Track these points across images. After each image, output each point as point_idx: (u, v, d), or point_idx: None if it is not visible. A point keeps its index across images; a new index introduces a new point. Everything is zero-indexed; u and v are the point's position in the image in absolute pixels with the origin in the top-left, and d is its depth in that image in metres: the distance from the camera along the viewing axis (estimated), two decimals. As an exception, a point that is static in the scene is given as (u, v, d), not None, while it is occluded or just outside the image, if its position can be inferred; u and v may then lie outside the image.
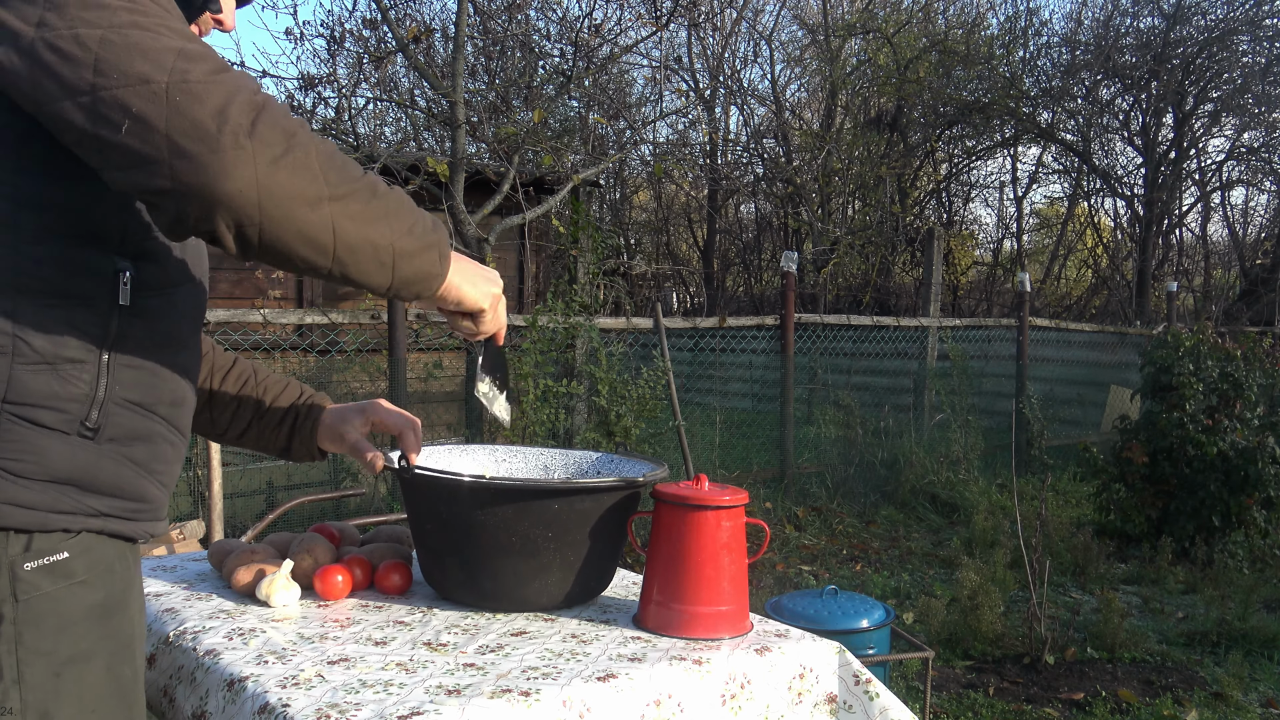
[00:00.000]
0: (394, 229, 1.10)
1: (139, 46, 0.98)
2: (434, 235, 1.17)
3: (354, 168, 1.09)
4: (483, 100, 7.44)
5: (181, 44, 1.01)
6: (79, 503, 1.08)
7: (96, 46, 0.98)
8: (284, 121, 1.02)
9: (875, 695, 1.49)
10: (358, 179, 1.08)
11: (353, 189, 1.06)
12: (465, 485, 1.51)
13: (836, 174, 13.71)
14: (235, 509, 5.29)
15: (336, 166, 1.05)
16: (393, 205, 1.11)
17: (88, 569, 1.09)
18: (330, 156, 1.05)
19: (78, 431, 1.08)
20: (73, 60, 0.98)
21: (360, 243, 1.07)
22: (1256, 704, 3.68)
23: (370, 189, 1.09)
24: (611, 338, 6.12)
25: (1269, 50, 13.11)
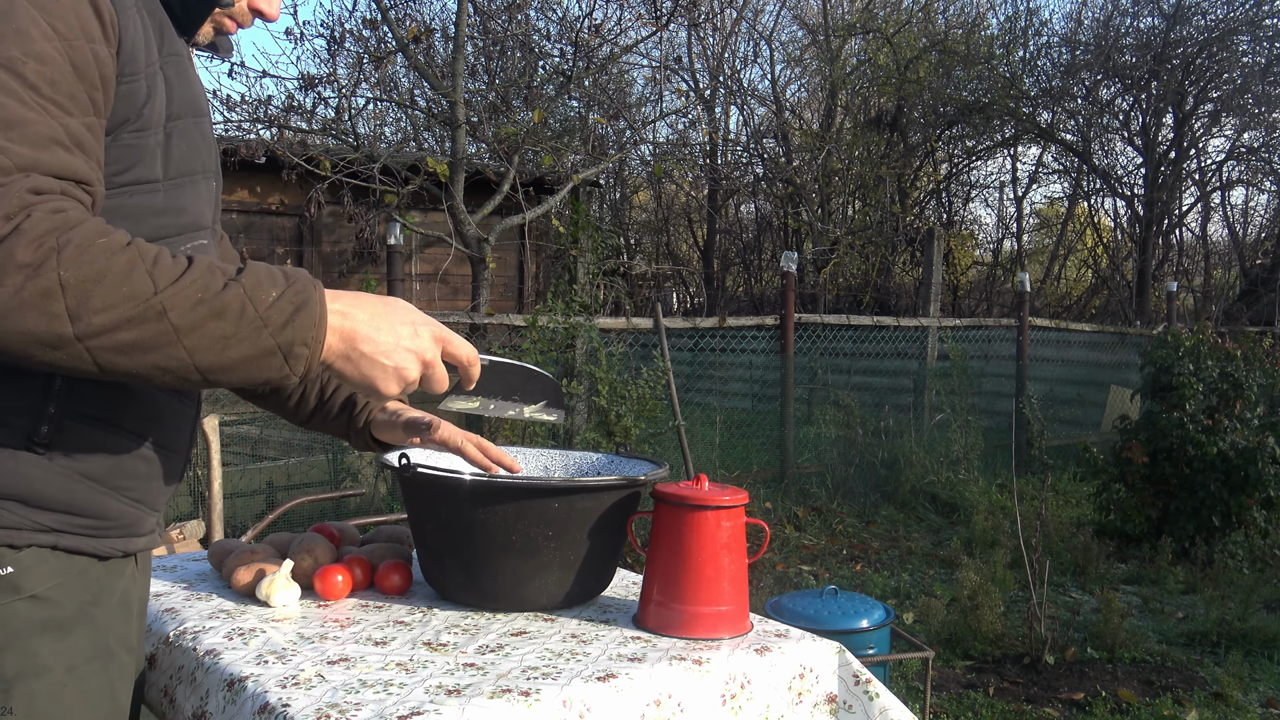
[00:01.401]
0: (192, 348, 0.97)
1: None
2: (268, 339, 1.01)
3: (138, 287, 0.95)
4: (483, 100, 7.44)
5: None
6: (23, 518, 1.04)
7: None
8: (23, 253, 0.91)
9: (875, 695, 1.49)
10: (136, 303, 0.95)
11: (119, 319, 0.94)
12: (465, 485, 1.51)
13: (836, 174, 13.71)
14: (235, 509, 5.29)
15: (96, 299, 0.93)
16: (196, 320, 0.97)
17: (39, 583, 1.05)
18: (89, 287, 0.93)
19: (25, 445, 1.04)
20: None
21: (141, 370, 0.97)
22: (1256, 704, 3.68)
23: (154, 314, 0.95)
24: (611, 338, 6.12)
25: (1269, 50, 13.11)
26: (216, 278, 1.00)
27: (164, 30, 1.16)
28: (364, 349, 1.09)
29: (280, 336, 1.01)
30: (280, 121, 6.64)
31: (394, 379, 1.11)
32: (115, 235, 0.97)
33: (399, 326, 1.11)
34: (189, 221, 1.19)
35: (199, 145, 1.20)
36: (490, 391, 1.39)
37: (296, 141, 6.71)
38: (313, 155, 6.38)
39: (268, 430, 6.38)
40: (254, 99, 6.84)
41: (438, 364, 1.15)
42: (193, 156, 1.19)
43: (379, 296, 1.12)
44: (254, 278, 1.01)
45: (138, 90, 1.08)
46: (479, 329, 6.03)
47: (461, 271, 8.69)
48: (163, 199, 1.14)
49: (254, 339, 1.00)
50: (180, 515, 4.67)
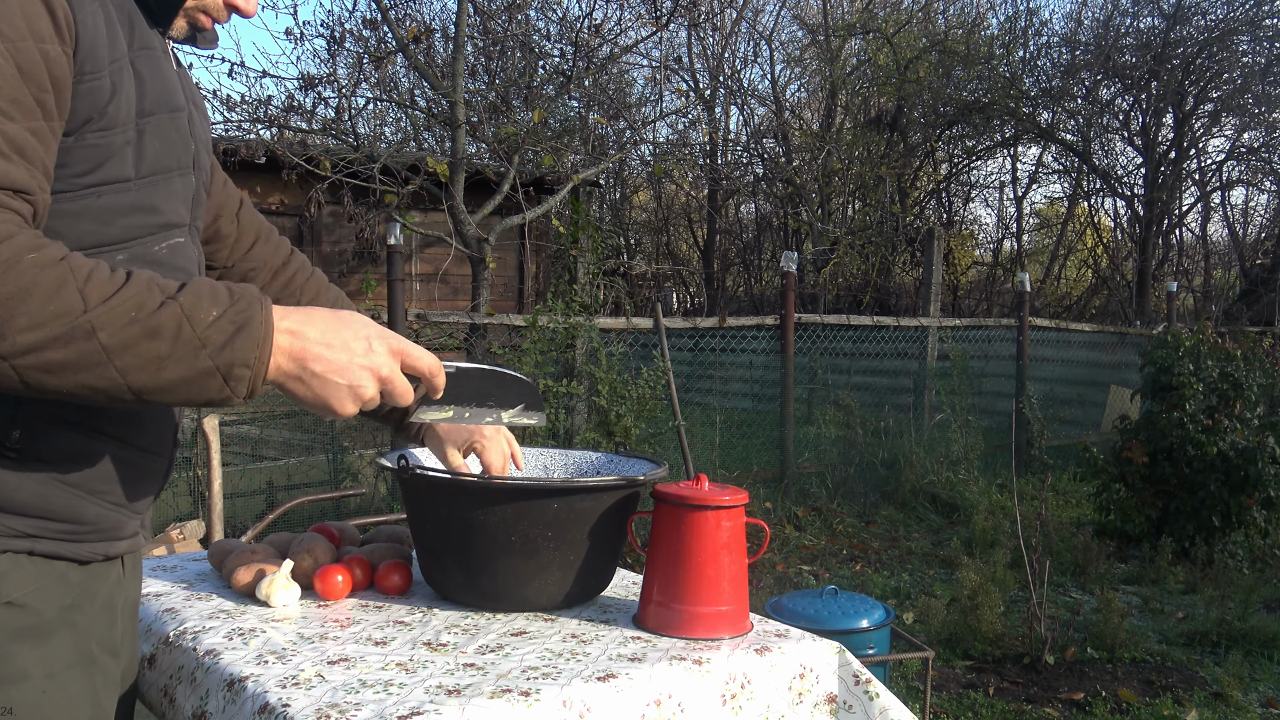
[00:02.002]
0: (125, 368, 0.95)
1: None
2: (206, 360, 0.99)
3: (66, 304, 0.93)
4: (483, 100, 7.44)
5: None
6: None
7: None
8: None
9: (875, 695, 1.49)
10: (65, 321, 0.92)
11: (45, 338, 0.92)
12: (465, 485, 1.51)
13: (836, 174, 13.71)
14: (235, 509, 5.29)
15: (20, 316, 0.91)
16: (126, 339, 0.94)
17: (15, 589, 1.03)
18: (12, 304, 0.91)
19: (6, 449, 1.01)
20: None
21: (72, 389, 0.95)
22: (1256, 704, 3.68)
23: (83, 333, 0.93)
24: (611, 338, 6.12)
25: (1269, 50, 13.11)
26: (154, 295, 0.97)
27: (134, 23, 1.11)
28: (316, 369, 1.06)
29: (219, 358, 0.99)
30: (280, 121, 6.64)
31: (349, 398, 1.08)
32: (47, 250, 0.93)
33: (353, 343, 1.08)
34: (163, 221, 1.15)
35: (174, 141, 1.16)
36: (463, 399, 1.35)
37: (296, 141, 6.71)
38: (313, 155, 6.39)
39: (268, 430, 6.39)
40: (254, 99, 6.85)
41: (396, 378, 1.12)
42: (167, 153, 1.15)
43: (333, 311, 1.09)
44: (194, 296, 0.98)
45: (101, 88, 1.04)
46: (479, 329, 6.03)
47: (461, 271, 8.69)
48: (133, 197, 1.10)
49: (191, 360, 0.97)
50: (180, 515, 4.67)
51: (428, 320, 5.81)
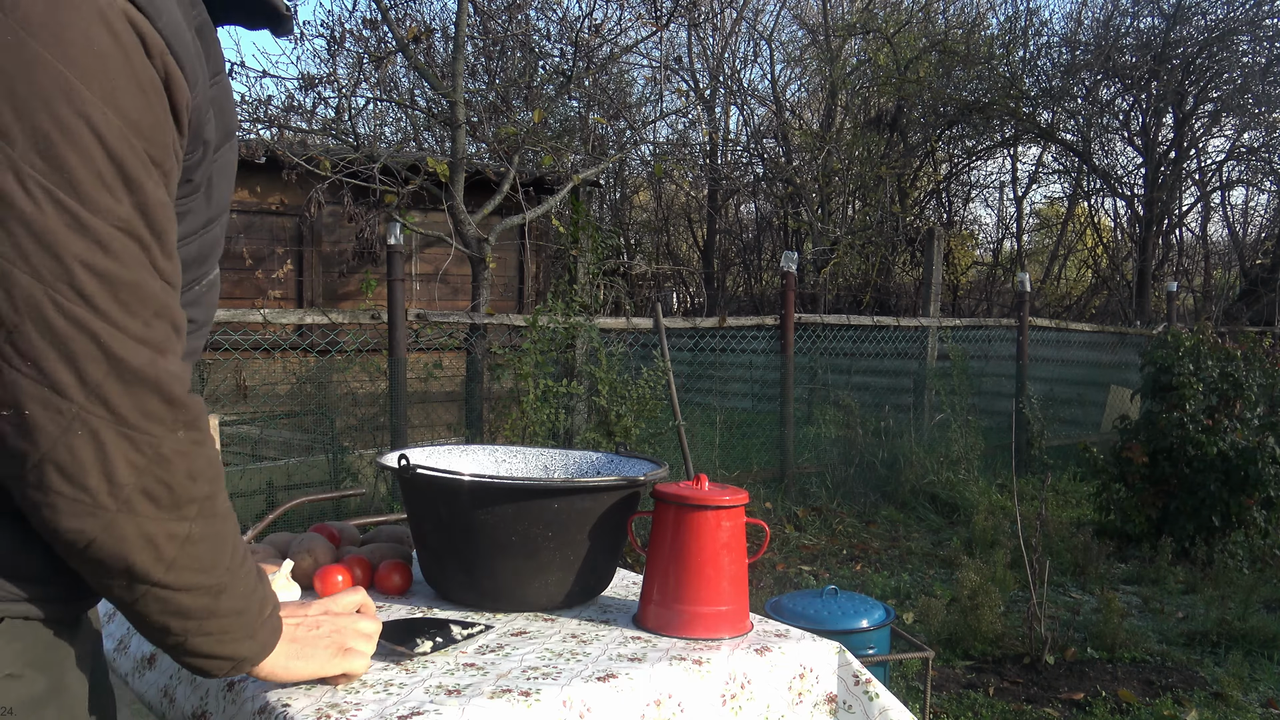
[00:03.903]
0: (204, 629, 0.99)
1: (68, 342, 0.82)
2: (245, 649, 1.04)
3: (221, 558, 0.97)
4: (483, 100, 7.44)
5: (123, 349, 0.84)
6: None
7: (24, 309, 0.81)
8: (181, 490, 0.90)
9: (875, 695, 1.49)
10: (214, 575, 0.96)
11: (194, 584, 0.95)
12: (465, 485, 1.51)
13: (836, 174, 13.71)
14: (235, 509, 5.28)
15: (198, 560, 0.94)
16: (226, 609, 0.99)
17: (15, 659, 0.93)
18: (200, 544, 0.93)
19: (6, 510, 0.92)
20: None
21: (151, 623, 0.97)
22: (1256, 704, 3.68)
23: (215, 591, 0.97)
24: (611, 338, 6.12)
25: (1269, 50, 13.11)
26: (253, 573, 1.03)
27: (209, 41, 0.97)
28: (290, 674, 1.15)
29: (252, 649, 1.05)
30: (280, 121, 6.64)
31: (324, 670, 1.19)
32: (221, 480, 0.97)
33: (319, 642, 1.17)
34: (214, 260, 1.07)
35: (232, 169, 1.06)
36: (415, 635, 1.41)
37: (296, 141, 6.72)
38: (313, 155, 6.39)
39: (268, 430, 6.39)
40: (254, 99, 6.84)
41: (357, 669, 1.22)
42: (227, 187, 1.05)
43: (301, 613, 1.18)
44: (265, 585, 1.05)
45: (194, 154, 0.96)
46: (479, 329, 6.03)
47: (461, 271, 8.69)
48: (197, 247, 1.02)
49: (237, 644, 1.02)
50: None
51: (428, 320, 5.81)
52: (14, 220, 0.79)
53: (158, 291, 0.87)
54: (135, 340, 0.85)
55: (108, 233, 0.83)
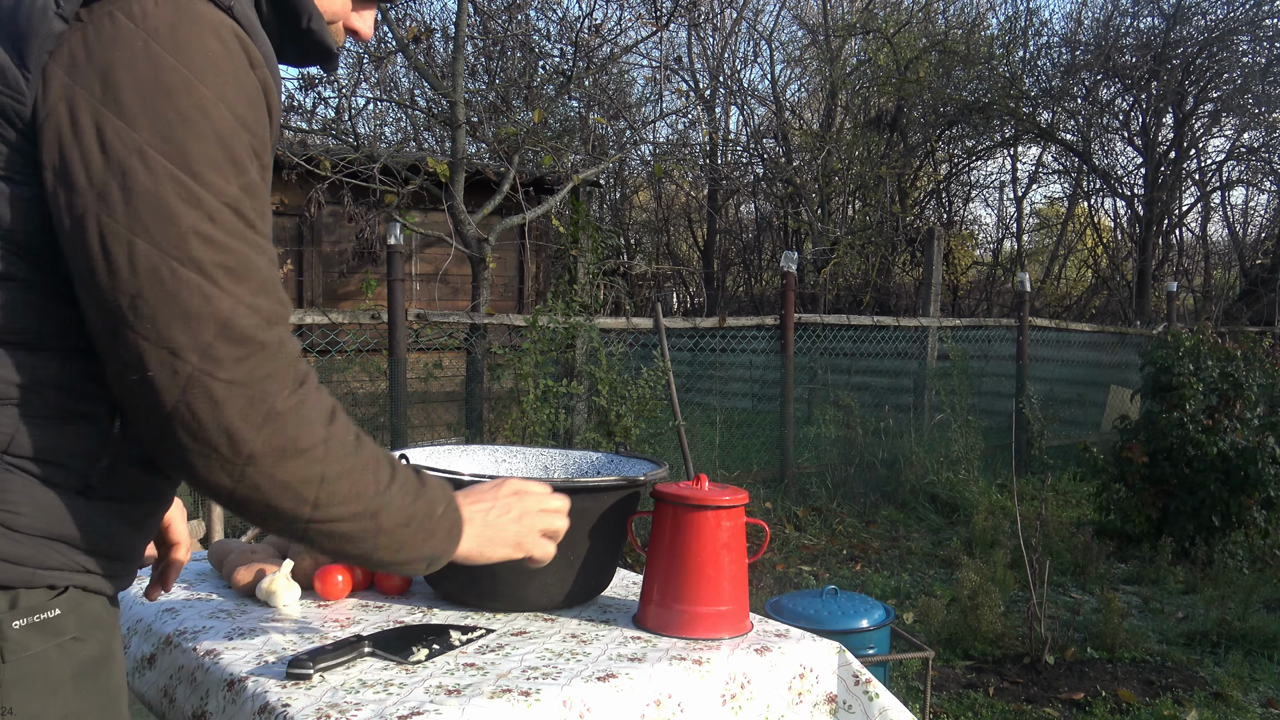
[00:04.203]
0: (379, 545, 1.09)
1: (185, 305, 0.92)
2: (427, 550, 1.15)
3: (366, 486, 1.05)
4: (483, 100, 7.44)
5: (231, 311, 0.93)
6: (68, 559, 1.01)
7: (145, 276, 0.91)
8: (303, 439, 0.99)
9: (875, 695, 1.49)
10: (363, 501, 1.05)
11: (346, 513, 1.04)
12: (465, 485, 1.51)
13: (836, 174, 13.71)
14: (235, 509, 5.28)
15: (340, 493, 1.03)
16: (390, 524, 1.09)
17: (78, 625, 1.03)
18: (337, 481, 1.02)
19: (77, 489, 1.01)
20: (115, 274, 0.91)
21: (330, 549, 1.08)
22: (1256, 704, 3.68)
23: (371, 514, 1.06)
24: (611, 338, 6.12)
25: (1269, 50, 13.11)
26: (412, 483, 1.13)
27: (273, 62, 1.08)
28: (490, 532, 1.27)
29: (437, 548, 1.17)
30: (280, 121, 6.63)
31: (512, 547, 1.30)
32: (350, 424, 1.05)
33: (507, 529, 1.29)
34: None
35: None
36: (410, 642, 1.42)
37: (296, 141, 6.71)
38: (313, 155, 6.38)
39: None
40: (254, 99, 6.82)
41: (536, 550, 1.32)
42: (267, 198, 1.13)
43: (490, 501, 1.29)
44: (430, 489, 1.15)
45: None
46: (479, 329, 6.03)
47: (461, 271, 8.69)
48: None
49: (418, 547, 1.14)
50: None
51: (428, 320, 5.81)
52: (137, 195, 0.90)
53: (262, 265, 0.97)
54: (245, 306, 0.94)
55: (218, 208, 0.93)
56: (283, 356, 0.98)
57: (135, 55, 0.91)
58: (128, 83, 0.91)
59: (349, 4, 1.18)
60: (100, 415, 1.01)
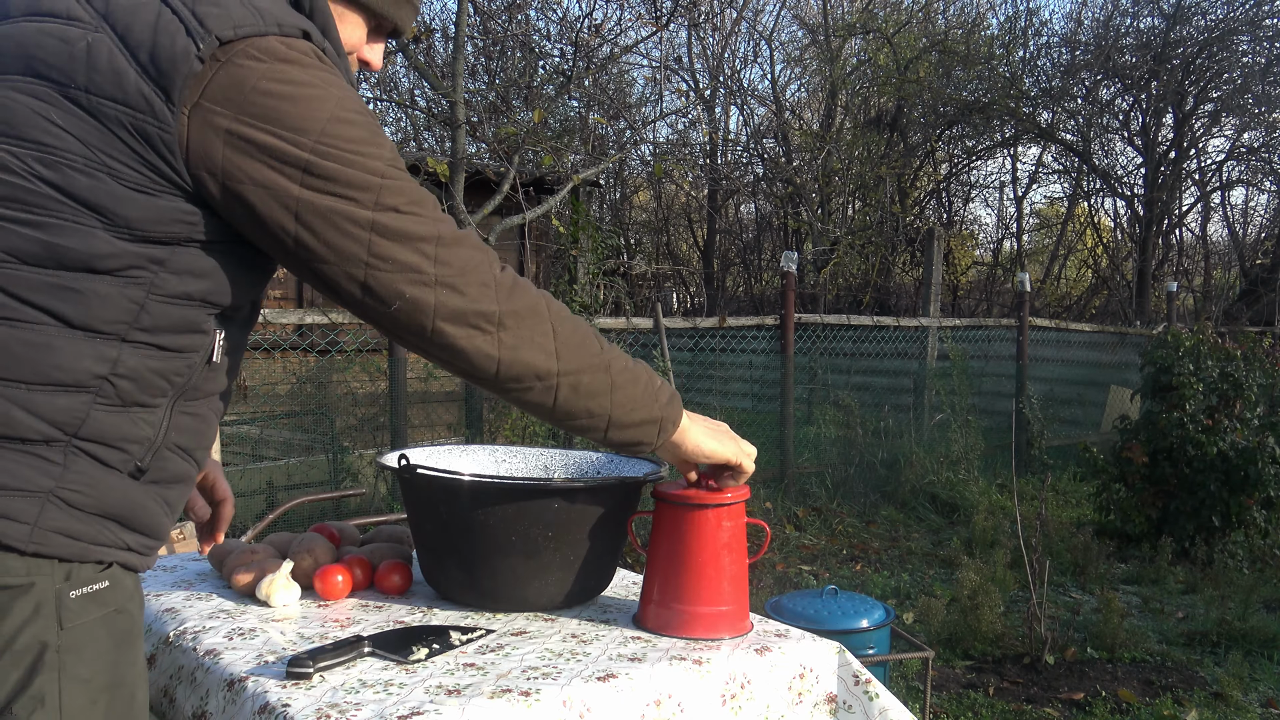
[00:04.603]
0: (616, 402, 1.29)
1: (406, 234, 1.14)
2: (657, 410, 1.34)
3: (591, 344, 1.27)
4: (483, 100, 7.44)
5: (435, 228, 1.16)
6: (116, 537, 1.12)
7: (369, 229, 1.13)
8: (530, 300, 1.22)
9: (875, 695, 1.49)
10: (594, 354, 1.26)
11: (584, 364, 1.25)
12: (465, 485, 1.51)
13: (836, 174, 13.71)
14: (235, 509, 5.28)
15: (573, 345, 1.24)
16: (622, 380, 1.29)
17: (118, 599, 1.13)
18: (569, 336, 1.24)
19: (130, 471, 1.12)
20: (349, 236, 1.12)
21: (577, 410, 1.27)
22: (1256, 704, 3.69)
23: (604, 366, 1.27)
24: (611, 338, 6.11)
25: (1269, 50, 13.11)
26: (625, 354, 1.32)
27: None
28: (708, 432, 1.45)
29: (665, 410, 1.35)
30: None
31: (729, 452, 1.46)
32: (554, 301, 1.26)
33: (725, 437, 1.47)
34: None
35: None
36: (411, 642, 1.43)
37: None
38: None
39: (268, 430, 6.39)
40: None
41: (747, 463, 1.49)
42: None
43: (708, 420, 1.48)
44: (640, 362, 1.34)
45: None
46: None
47: (461, 271, 8.67)
48: None
49: (649, 407, 1.33)
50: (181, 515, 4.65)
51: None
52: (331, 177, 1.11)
53: (427, 194, 1.19)
54: (440, 221, 1.18)
55: (384, 168, 1.15)
56: (483, 246, 1.20)
57: (277, 81, 1.09)
58: (281, 103, 1.09)
59: (364, 38, 1.33)
60: (160, 405, 1.13)
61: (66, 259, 1.05)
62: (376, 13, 1.32)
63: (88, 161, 1.05)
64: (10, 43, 1.10)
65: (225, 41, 1.07)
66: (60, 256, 1.05)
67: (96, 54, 1.06)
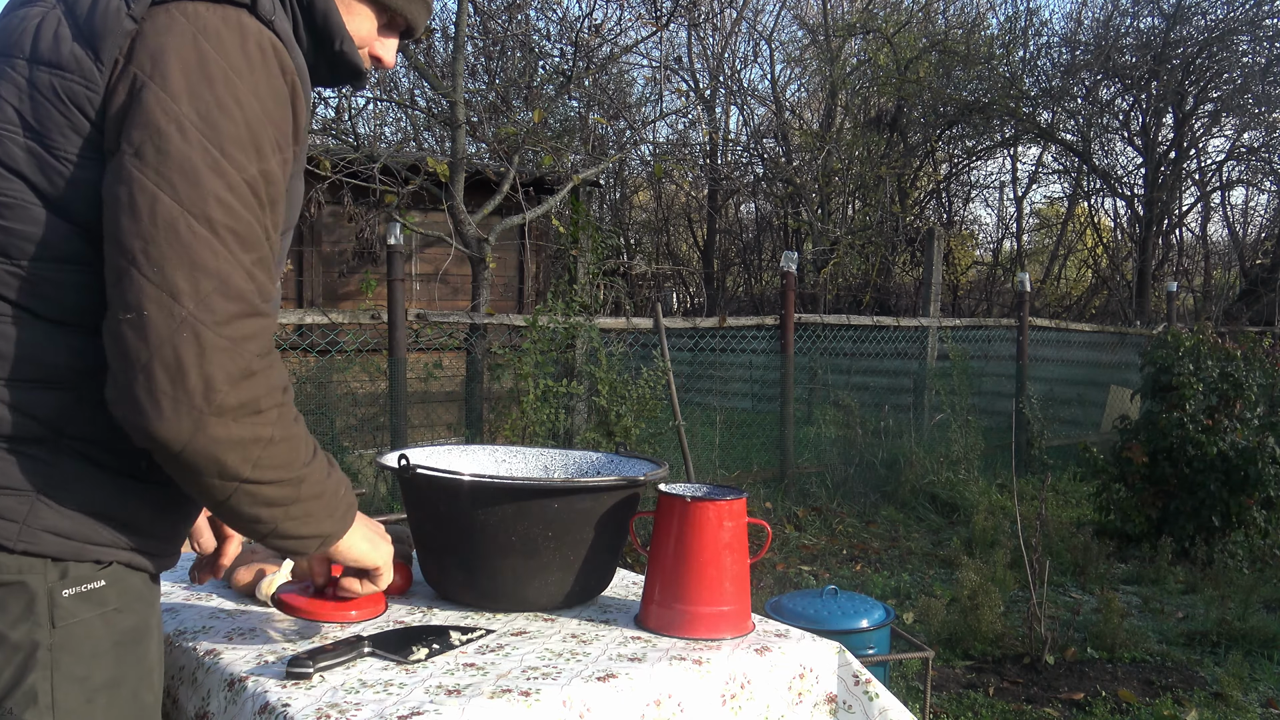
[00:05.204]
0: (290, 515, 1.15)
1: (191, 255, 1.01)
2: (329, 526, 1.21)
3: (298, 455, 1.13)
4: (483, 100, 7.44)
5: (230, 271, 1.03)
6: (114, 536, 1.11)
7: (162, 227, 1.01)
8: (265, 401, 1.06)
9: (875, 695, 1.49)
10: (293, 469, 1.12)
11: (276, 478, 1.10)
12: (465, 485, 1.51)
13: (836, 174, 13.71)
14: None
15: (278, 459, 1.09)
16: (307, 495, 1.15)
17: (119, 597, 1.12)
18: (280, 446, 1.09)
19: (127, 472, 1.11)
20: (137, 221, 1.01)
21: (244, 515, 1.12)
22: (1256, 704, 3.68)
23: (296, 481, 1.13)
24: (611, 338, 6.12)
25: (1269, 50, 13.10)
26: (324, 463, 1.19)
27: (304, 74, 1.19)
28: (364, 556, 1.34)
29: (336, 526, 1.23)
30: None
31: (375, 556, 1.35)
32: (290, 393, 1.13)
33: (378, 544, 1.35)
34: (278, 273, 1.21)
35: (299, 200, 1.23)
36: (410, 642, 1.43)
37: (296, 141, 6.69)
38: (313, 155, 6.38)
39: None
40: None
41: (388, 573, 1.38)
42: (295, 211, 1.22)
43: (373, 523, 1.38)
44: (337, 472, 1.22)
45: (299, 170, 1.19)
46: (479, 329, 6.03)
47: (461, 271, 8.69)
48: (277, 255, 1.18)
49: (320, 523, 1.20)
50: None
51: (428, 320, 5.81)
52: (170, 156, 1.01)
53: (264, 243, 1.07)
54: (245, 271, 1.05)
55: (237, 181, 1.04)
56: (265, 325, 1.07)
57: (184, 44, 1.05)
58: (175, 65, 1.04)
59: (375, 33, 1.31)
60: None
61: (22, 245, 1.04)
62: (387, 6, 1.30)
63: (25, 131, 1.05)
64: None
65: (157, 2, 1.06)
66: (16, 241, 1.04)
67: (45, 25, 1.07)
